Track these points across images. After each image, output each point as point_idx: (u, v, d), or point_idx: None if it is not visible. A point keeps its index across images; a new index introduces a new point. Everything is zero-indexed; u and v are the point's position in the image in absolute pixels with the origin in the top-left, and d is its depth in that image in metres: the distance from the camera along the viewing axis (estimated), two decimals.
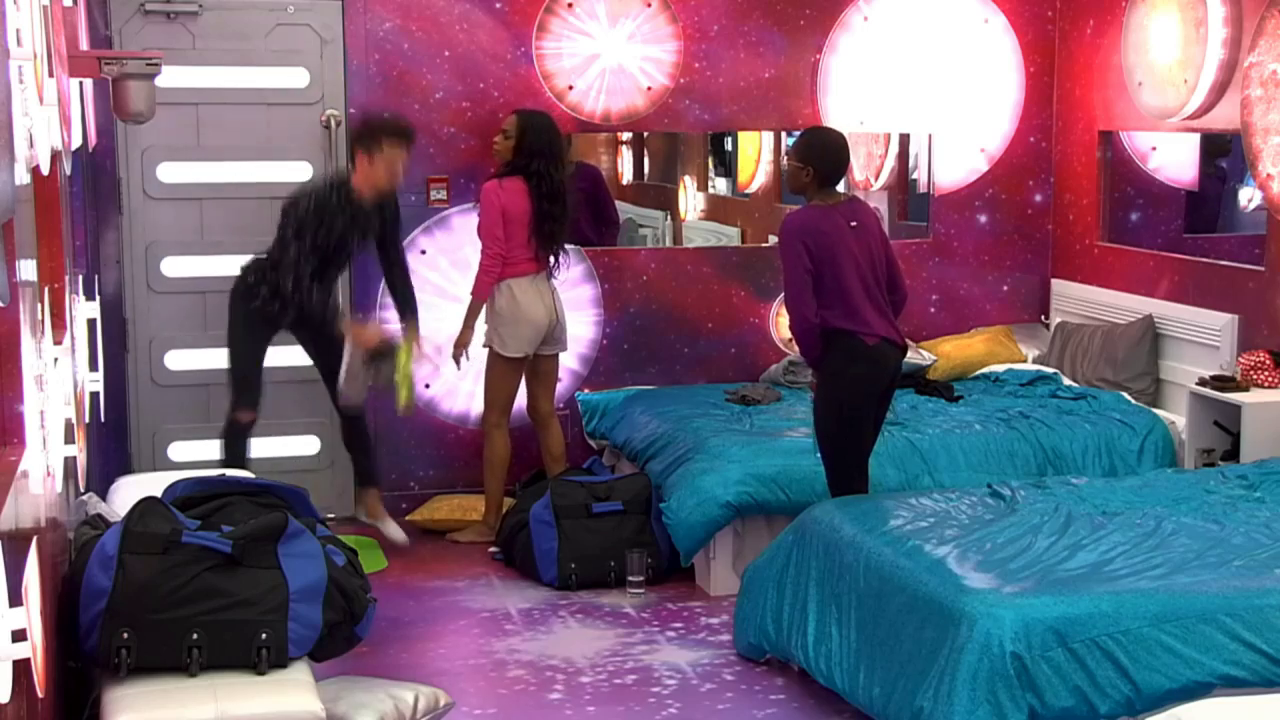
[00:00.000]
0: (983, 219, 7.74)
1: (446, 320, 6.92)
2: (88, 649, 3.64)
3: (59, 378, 3.41)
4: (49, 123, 3.03)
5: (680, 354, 7.44)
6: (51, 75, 2.98)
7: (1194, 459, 6.11)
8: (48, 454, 3.15)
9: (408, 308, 6.42)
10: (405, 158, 6.21)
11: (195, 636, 3.63)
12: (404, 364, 6.20)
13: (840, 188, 5.59)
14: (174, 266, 6.84)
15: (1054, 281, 7.80)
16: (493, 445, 6.67)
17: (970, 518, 4.83)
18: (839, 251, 5.23)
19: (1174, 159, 7.40)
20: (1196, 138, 7.19)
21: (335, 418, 6.74)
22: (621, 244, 7.75)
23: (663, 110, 7.24)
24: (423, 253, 7.02)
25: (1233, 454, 5.94)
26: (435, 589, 6.11)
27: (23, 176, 2.74)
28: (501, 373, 6.61)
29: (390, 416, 7.03)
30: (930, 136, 7.68)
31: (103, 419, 5.08)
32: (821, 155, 5.32)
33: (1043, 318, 7.81)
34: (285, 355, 6.88)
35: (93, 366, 4.52)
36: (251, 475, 4.83)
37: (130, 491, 4.68)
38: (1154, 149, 7.38)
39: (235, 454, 6.24)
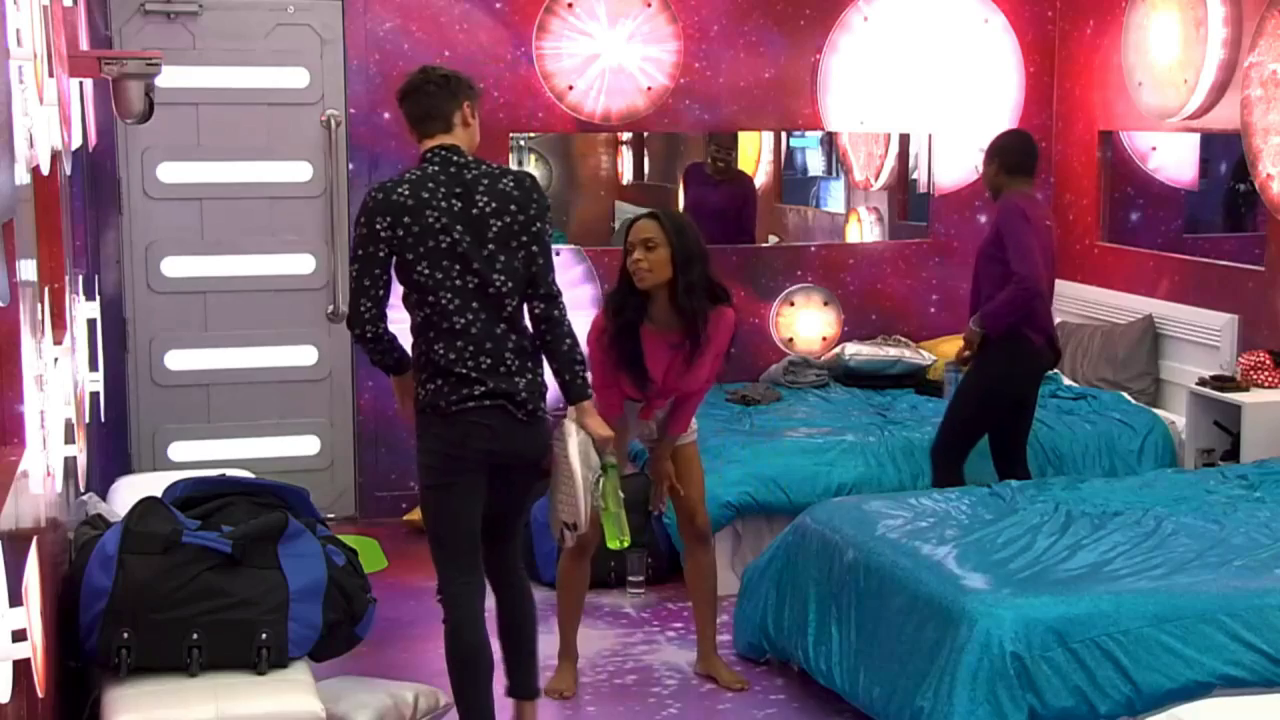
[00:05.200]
0: (983, 219, 7.72)
1: None
2: (88, 649, 3.64)
3: (59, 378, 3.41)
4: (49, 123, 3.03)
5: None
6: (51, 75, 2.98)
7: (1194, 459, 6.11)
8: (48, 454, 3.15)
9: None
10: None
11: (195, 636, 3.64)
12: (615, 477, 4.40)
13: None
14: (174, 266, 6.83)
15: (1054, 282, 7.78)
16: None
17: (970, 518, 4.83)
18: (1042, 241, 5.73)
19: (1174, 159, 7.40)
20: (1196, 138, 7.19)
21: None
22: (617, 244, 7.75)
23: (663, 110, 7.24)
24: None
25: (1233, 454, 5.94)
26: (435, 589, 6.09)
27: (23, 176, 2.74)
28: None
29: (390, 417, 7.04)
30: (930, 136, 7.68)
31: (103, 419, 5.07)
32: (1007, 150, 5.83)
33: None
34: (284, 355, 6.88)
35: (93, 366, 4.51)
36: (251, 475, 4.83)
37: (130, 491, 4.68)
38: (1154, 149, 7.38)
39: None
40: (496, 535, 4.31)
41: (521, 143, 7.98)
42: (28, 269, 3.02)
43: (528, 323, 4.19)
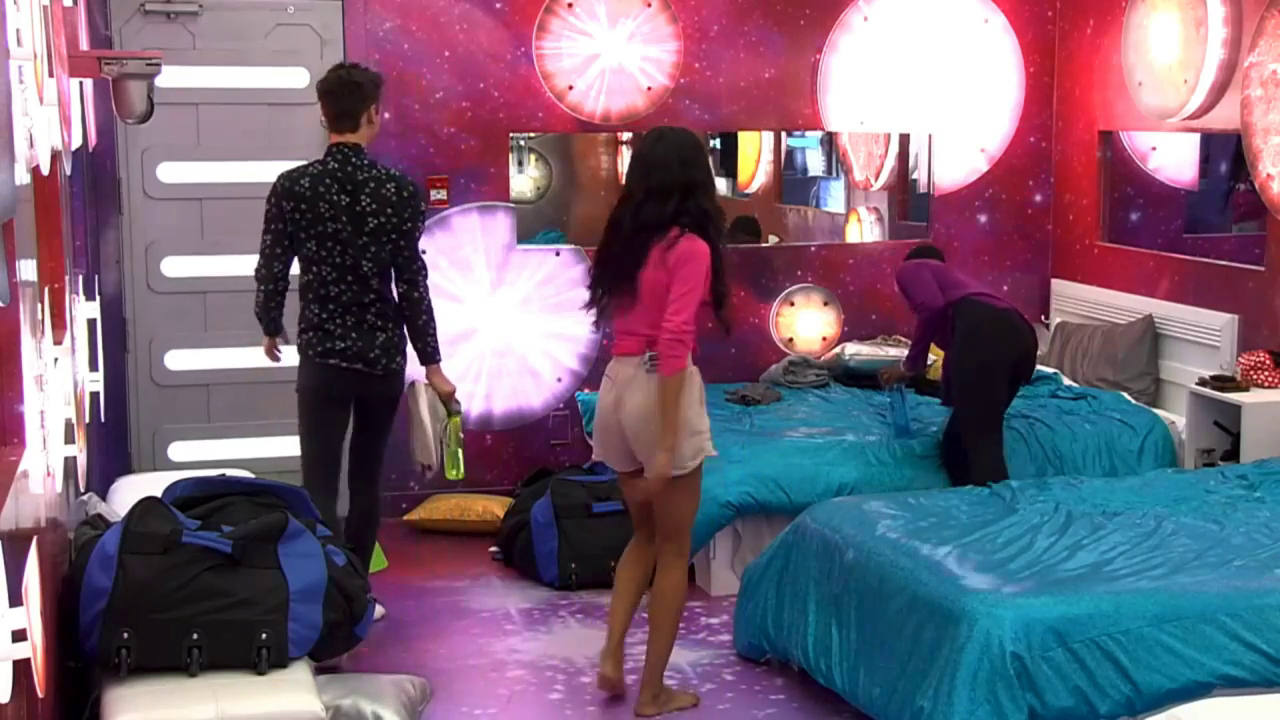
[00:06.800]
0: (983, 219, 7.73)
1: (446, 320, 6.96)
2: (88, 649, 3.64)
3: (59, 378, 3.41)
4: (49, 123, 3.03)
5: None
6: (51, 75, 2.98)
7: (1194, 459, 6.11)
8: (48, 454, 3.15)
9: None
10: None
11: (195, 636, 3.64)
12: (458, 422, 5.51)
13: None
14: (174, 266, 6.84)
15: (1054, 281, 7.80)
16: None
17: (970, 518, 4.83)
18: (952, 269, 6.29)
19: (1174, 159, 7.40)
20: (1196, 138, 7.19)
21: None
22: None
23: (663, 110, 7.24)
24: (423, 253, 7.00)
25: (1233, 454, 5.94)
26: (435, 589, 6.11)
27: (23, 176, 2.74)
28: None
29: None
30: (930, 136, 7.68)
31: (103, 419, 5.08)
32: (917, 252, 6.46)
33: (1043, 318, 7.80)
34: (284, 355, 6.85)
35: (93, 366, 4.52)
36: (251, 475, 4.84)
37: (130, 491, 4.68)
38: (1154, 149, 7.38)
39: None
40: (361, 455, 5.45)
41: (521, 143, 7.96)
42: (28, 269, 3.03)
43: (392, 292, 5.22)
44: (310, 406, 5.32)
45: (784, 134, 8.17)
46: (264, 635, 3.68)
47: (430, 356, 5.32)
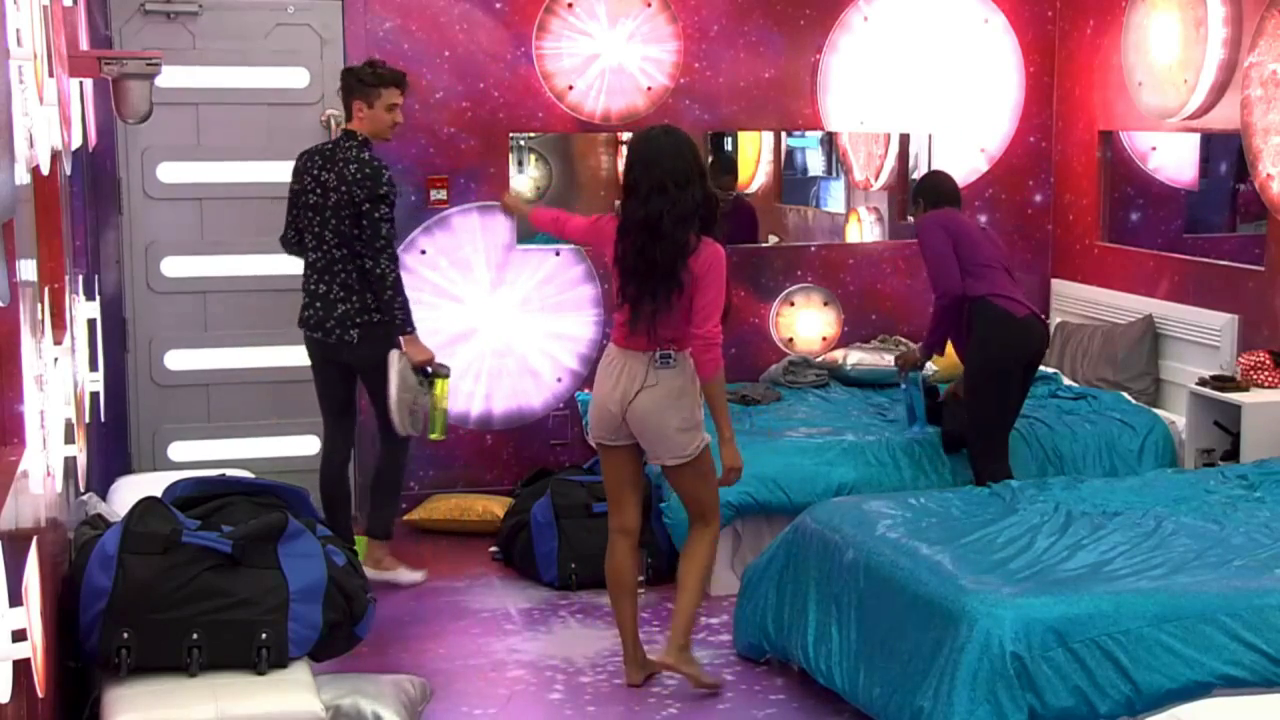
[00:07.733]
0: (983, 219, 7.72)
1: (446, 320, 6.96)
2: (88, 649, 3.64)
3: (59, 378, 3.41)
4: (49, 123, 3.03)
5: None
6: (51, 75, 2.98)
7: (1194, 459, 6.11)
8: (48, 454, 3.14)
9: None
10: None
11: (195, 636, 3.64)
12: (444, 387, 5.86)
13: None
14: (174, 266, 6.84)
15: (1054, 281, 7.80)
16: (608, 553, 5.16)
17: (970, 518, 4.83)
18: (976, 237, 6.04)
19: (1174, 159, 7.40)
20: (1196, 138, 7.19)
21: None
22: None
23: (663, 110, 7.24)
24: (423, 253, 7.02)
25: (1233, 454, 5.94)
26: (435, 589, 6.11)
27: (23, 176, 2.74)
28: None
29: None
30: (930, 136, 7.68)
31: (103, 419, 5.08)
32: (928, 189, 6.24)
33: (1043, 318, 7.80)
34: (284, 355, 6.87)
35: (93, 366, 4.51)
36: (251, 475, 4.83)
37: (130, 491, 4.68)
38: (1154, 149, 7.38)
39: None
40: (376, 415, 5.89)
41: (521, 143, 7.95)
42: (28, 269, 3.02)
43: (354, 267, 5.69)
44: (312, 368, 5.98)
45: (784, 134, 8.17)
46: (264, 635, 3.68)
47: (400, 328, 5.72)
